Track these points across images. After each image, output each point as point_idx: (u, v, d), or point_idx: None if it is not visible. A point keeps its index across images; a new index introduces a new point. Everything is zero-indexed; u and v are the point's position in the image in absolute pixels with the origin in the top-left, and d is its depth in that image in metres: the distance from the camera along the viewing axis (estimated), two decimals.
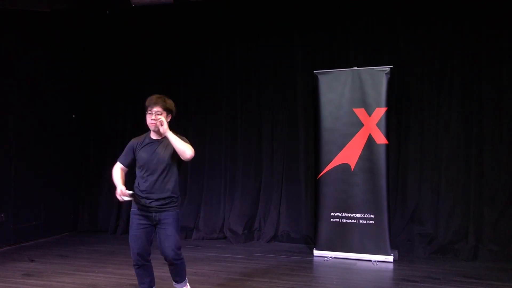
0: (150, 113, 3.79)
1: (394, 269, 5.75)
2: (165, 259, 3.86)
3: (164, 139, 3.86)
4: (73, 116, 8.22)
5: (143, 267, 3.89)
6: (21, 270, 5.62)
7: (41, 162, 7.43)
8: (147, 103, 3.83)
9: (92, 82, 8.41)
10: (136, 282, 4.12)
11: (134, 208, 3.88)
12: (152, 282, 4.00)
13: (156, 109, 3.76)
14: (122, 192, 3.68)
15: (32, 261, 6.08)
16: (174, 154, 3.81)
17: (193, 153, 3.78)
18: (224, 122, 7.69)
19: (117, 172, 3.95)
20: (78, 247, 6.94)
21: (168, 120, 3.87)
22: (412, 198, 6.65)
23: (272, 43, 7.45)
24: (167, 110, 3.83)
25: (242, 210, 7.44)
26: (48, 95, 7.59)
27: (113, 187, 3.87)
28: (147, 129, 4.04)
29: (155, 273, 4.11)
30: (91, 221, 8.25)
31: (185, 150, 3.73)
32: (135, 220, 3.85)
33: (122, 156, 4.00)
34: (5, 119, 6.84)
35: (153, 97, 3.84)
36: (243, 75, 7.62)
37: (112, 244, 7.12)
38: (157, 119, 3.76)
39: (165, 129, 3.74)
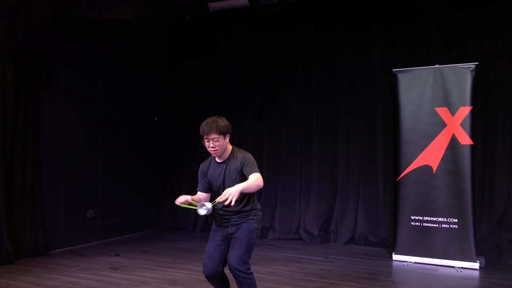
0: (207, 140, 3.61)
1: (480, 277, 5.43)
2: (229, 270, 3.64)
3: (229, 160, 3.71)
4: (156, 118, 8.59)
5: (211, 280, 3.79)
6: (107, 264, 5.95)
7: (126, 162, 7.83)
8: (201, 131, 3.62)
9: (173, 85, 8.74)
10: None
11: (214, 225, 3.85)
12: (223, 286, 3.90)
13: (212, 136, 3.57)
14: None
15: (118, 255, 6.41)
16: (242, 173, 3.64)
17: (262, 181, 3.59)
18: (300, 122, 7.68)
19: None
20: (159, 244, 7.23)
21: (227, 140, 3.67)
22: (500, 202, 6.27)
23: (349, 41, 7.34)
24: (223, 133, 3.60)
25: (318, 211, 7.38)
26: (132, 99, 8.00)
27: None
28: None
29: None
30: (172, 219, 8.56)
31: (257, 186, 3.56)
32: (212, 237, 3.79)
33: (199, 185, 3.88)
34: (94, 123, 7.29)
35: (205, 126, 3.61)
36: (319, 75, 7.57)
37: (192, 242, 7.34)
38: (215, 145, 3.58)
39: (234, 196, 3.33)
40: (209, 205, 3.45)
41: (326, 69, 7.52)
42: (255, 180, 3.53)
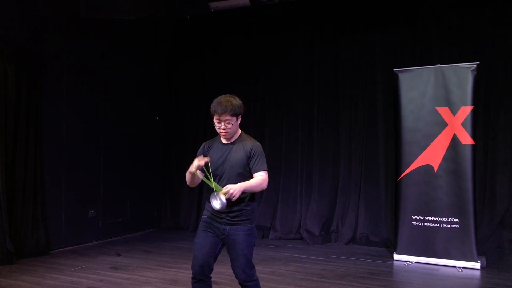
0: (218, 121, 3.36)
1: (482, 276, 5.42)
2: (239, 282, 3.46)
3: (236, 143, 3.45)
4: (156, 118, 8.60)
5: (201, 283, 3.42)
6: (109, 263, 5.96)
7: (127, 162, 7.84)
8: (212, 109, 3.37)
9: (174, 84, 8.75)
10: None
11: (204, 216, 3.54)
12: None
13: (226, 118, 3.32)
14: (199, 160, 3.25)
15: (119, 255, 6.42)
16: (247, 161, 3.40)
17: (267, 182, 3.40)
18: (301, 122, 7.68)
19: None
20: (161, 243, 7.24)
21: (239, 121, 3.43)
22: (501, 202, 6.26)
23: (350, 41, 7.34)
24: (236, 114, 3.37)
25: (319, 211, 7.38)
26: (133, 99, 8.01)
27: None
28: None
29: None
30: (173, 219, 8.57)
31: (261, 187, 3.38)
32: (202, 227, 3.51)
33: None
34: (95, 123, 7.30)
35: (218, 105, 3.35)
36: (320, 75, 7.56)
37: (193, 241, 7.31)
38: (227, 127, 3.35)
39: (237, 193, 3.18)
40: (223, 198, 3.15)
41: (328, 68, 7.52)
42: (260, 181, 3.35)
